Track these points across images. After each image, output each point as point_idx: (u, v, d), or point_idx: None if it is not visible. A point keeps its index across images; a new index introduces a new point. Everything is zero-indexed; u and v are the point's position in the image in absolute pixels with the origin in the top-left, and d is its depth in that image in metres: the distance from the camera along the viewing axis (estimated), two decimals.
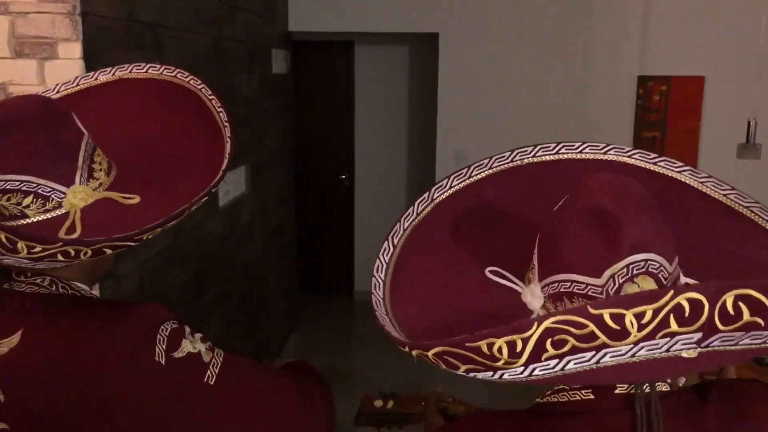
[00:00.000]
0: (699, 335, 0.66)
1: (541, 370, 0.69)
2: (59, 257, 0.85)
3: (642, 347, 0.67)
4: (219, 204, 3.30)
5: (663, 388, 0.85)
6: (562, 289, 0.82)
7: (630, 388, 0.83)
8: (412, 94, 5.52)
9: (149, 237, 0.92)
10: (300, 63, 5.27)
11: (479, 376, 0.71)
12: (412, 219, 1.06)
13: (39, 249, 0.83)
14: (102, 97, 1.19)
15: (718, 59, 4.53)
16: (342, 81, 5.52)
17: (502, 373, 0.70)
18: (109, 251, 0.89)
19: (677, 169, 1.05)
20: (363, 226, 5.73)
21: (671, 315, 0.64)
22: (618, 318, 0.65)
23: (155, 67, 1.21)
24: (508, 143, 4.77)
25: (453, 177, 1.10)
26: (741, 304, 0.64)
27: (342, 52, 5.47)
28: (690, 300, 0.64)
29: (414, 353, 0.75)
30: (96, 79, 1.21)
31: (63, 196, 0.97)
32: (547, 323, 0.65)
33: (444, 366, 0.73)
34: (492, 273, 0.94)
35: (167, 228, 0.95)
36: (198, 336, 0.95)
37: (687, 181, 1.04)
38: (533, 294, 0.88)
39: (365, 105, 5.56)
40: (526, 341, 0.66)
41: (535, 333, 0.66)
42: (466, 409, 1.31)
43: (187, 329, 0.95)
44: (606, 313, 0.64)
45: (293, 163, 5.03)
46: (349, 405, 1.05)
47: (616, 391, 0.83)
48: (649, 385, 0.81)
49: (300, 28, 4.73)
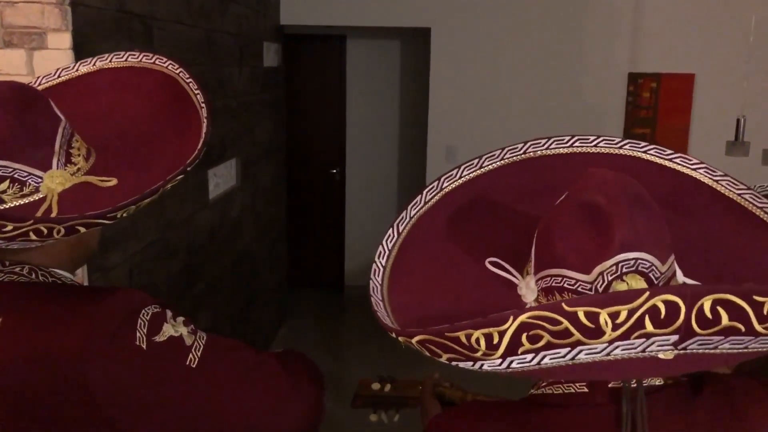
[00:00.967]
0: (675, 337, 0.66)
1: (519, 363, 0.69)
2: (32, 236, 0.84)
3: (617, 346, 0.66)
4: (209, 197, 3.29)
5: (656, 381, 0.85)
6: (553, 284, 0.83)
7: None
8: (403, 88, 5.51)
9: (124, 215, 0.91)
10: (291, 57, 5.25)
11: (461, 365, 0.72)
12: (419, 207, 1.06)
13: (10, 228, 0.82)
14: (83, 88, 1.19)
15: (707, 57, 4.55)
16: (333, 75, 5.51)
17: (481, 364, 0.70)
18: (83, 229, 0.88)
19: (692, 166, 1.03)
20: (354, 220, 5.72)
21: (646, 316, 0.64)
22: (592, 316, 0.64)
23: (134, 55, 1.21)
24: (498, 139, 4.79)
25: (464, 167, 1.09)
26: (719, 308, 0.64)
27: (334, 46, 5.46)
28: (666, 302, 0.63)
29: (400, 339, 0.75)
30: (77, 71, 1.21)
31: (40, 180, 0.96)
32: (522, 318, 0.66)
33: (428, 353, 0.73)
34: (492, 264, 0.94)
35: (142, 206, 0.94)
36: (180, 320, 0.94)
37: (701, 179, 1.02)
38: (528, 287, 0.88)
39: (357, 99, 5.55)
40: (502, 334, 0.67)
41: (511, 327, 0.66)
42: (462, 395, 1.31)
43: (169, 313, 0.94)
44: (580, 311, 0.64)
45: (284, 157, 5.01)
46: (339, 399, 1.05)
47: (610, 385, 0.83)
48: (636, 381, 0.81)
49: (292, 21, 4.71)
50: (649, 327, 0.65)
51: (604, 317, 0.64)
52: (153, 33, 2.60)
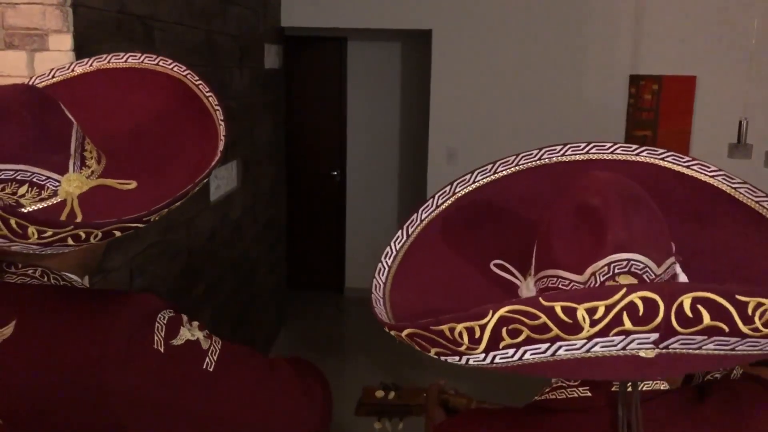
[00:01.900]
0: (656, 335, 0.65)
1: (501, 358, 0.69)
2: (69, 241, 0.83)
3: (596, 343, 0.66)
4: (210, 199, 3.29)
5: (661, 386, 0.84)
6: (549, 284, 0.83)
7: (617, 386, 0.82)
8: (404, 91, 5.51)
9: (155, 218, 0.92)
10: (292, 58, 5.25)
11: (449, 360, 0.73)
12: (430, 210, 1.06)
13: (50, 233, 0.81)
14: (81, 89, 1.16)
15: (709, 59, 4.55)
16: (334, 77, 5.50)
17: (467, 359, 0.71)
18: (118, 233, 0.88)
19: (710, 173, 1.03)
20: (354, 222, 5.72)
21: (624, 313, 0.64)
22: (569, 311, 0.64)
23: (135, 56, 1.19)
24: (499, 141, 4.78)
25: (477, 172, 1.09)
26: (700, 307, 0.63)
27: (334, 48, 5.45)
28: (644, 299, 0.63)
29: (392, 333, 0.76)
30: (72, 71, 1.18)
31: (58, 184, 0.95)
32: (502, 312, 0.66)
33: (418, 348, 0.74)
34: (496, 266, 0.94)
35: (172, 209, 0.95)
36: (195, 324, 0.95)
37: (720, 186, 1.02)
38: (528, 288, 0.88)
39: (357, 101, 5.54)
40: (483, 328, 0.67)
41: (491, 320, 0.67)
42: (467, 402, 1.30)
43: (185, 317, 0.94)
44: (557, 306, 0.64)
45: (284, 159, 5.01)
46: (338, 401, 1.05)
47: (613, 389, 0.83)
48: (632, 385, 0.81)
49: (292, 23, 4.71)
50: (628, 324, 0.64)
51: (581, 313, 0.64)
52: (154, 34, 2.60)
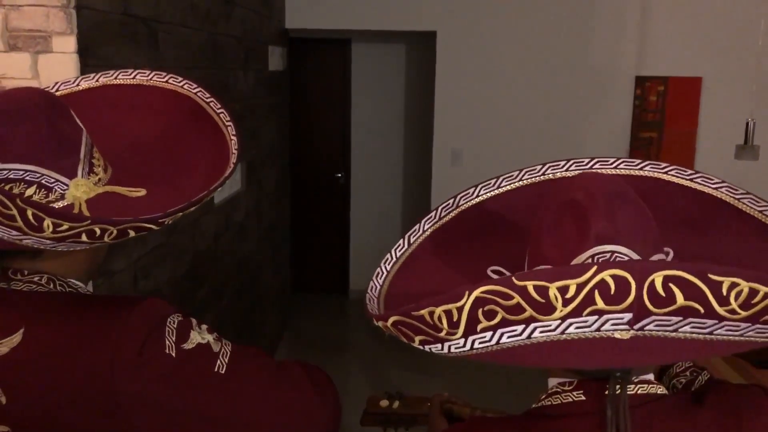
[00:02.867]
0: (629, 315, 0.65)
1: (480, 342, 0.70)
2: (83, 238, 0.83)
3: (570, 324, 0.67)
4: (214, 202, 3.28)
5: (658, 390, 0.83)
6: None
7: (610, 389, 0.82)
8: (408, 92, 5.50)
9: (169, 222, 0.92)
10: (296, 60, 5.25)
11: (433, 349, 0.74)
12: (433, 222, 1.08)
13: (65, 227, 0.80)
14: (87, 104, 1.17)
15: (715, 60, 4.53)
16: (338, 79, 5.50)
17: (449, 346, 0.72)
18: (133, 233, 0.88)
19: (714, 185, 1.05)
20: (358, 224, 5.71)
21: (596, 291, 0.64)
22: (542, 291, 0.65)
23: (144, 73, 1.20)
24: (504, 143, 4.77)
25: (481, 186, 1.11)
26: (672, 285, 0.64)
27: (339, 49, 5.45)
28: (615, 277, 0.63)
29: (380, 324, 0.77)
30: (77, 86, 1.19)
31: (66, 188, 0.95)
32: (477, 292, 0.67)
33: (404, 338, 0.76)
34: (493, 272, 0.96)
35: (186, 213, 0.95)
36: (204, 327, 0.95)
37: (723, 198, 1.04)
38: None
39: (362, 103, 5.54)
40: (460, 310, 0.68)
41: (467, 302, 0.68)
42: (471, 411, 1.30)
43: (194, 321, 0.94)
44: (530, 285, 0.65)
45: (289, 161, 5.01)
46: (343, 404, 1.05)
47: (606, 392, 0.82)
48: (620, 387, 0.80)
49: (297, 25, 4.71)
50: (600, 303, 0.65)
51: (553, 291, 0.65)
52: (158, 36, 2.59)
